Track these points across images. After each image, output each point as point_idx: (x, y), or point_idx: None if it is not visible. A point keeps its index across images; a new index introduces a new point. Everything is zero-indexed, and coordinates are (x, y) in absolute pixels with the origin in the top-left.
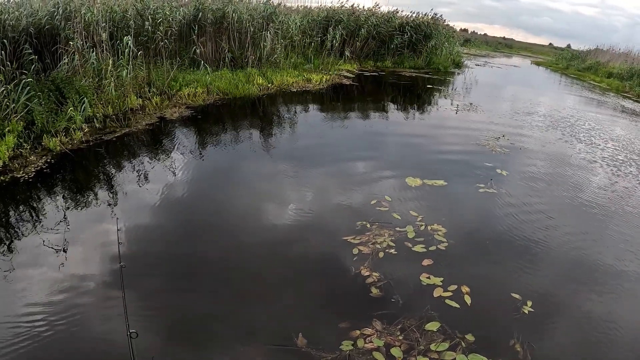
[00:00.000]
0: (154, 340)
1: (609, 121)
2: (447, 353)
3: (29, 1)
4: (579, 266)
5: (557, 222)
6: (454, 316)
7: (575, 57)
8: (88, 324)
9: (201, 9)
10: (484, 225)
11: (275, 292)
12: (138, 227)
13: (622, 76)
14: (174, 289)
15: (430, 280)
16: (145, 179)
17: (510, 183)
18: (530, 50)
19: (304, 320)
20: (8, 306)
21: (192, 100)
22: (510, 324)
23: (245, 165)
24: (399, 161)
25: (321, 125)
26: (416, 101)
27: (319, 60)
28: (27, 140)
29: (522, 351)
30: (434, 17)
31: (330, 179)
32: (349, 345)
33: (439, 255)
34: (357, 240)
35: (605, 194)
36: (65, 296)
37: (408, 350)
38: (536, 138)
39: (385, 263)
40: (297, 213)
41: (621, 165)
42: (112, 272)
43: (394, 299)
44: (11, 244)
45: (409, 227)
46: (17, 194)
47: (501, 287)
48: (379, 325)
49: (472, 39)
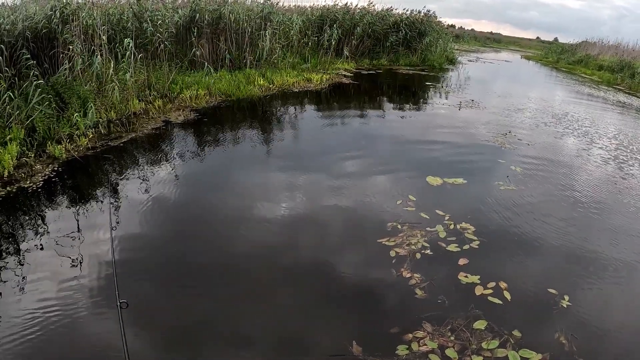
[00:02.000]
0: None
1: (606, 115)
2: (498, 350)
3: (24, 5)
4: (611, 260)
5: (578, 216)
6: (498, 313)
7: (565, 50)
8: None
9: (197, 10)
10: (509, 223)
11: (322, 301)
12: (159, 235)
13: (612, 69)
14: (236, 297)
15: (468, 279)
16: (159, 186)
17: (525, 179)
18: (518, 45)
19: (354, 327)
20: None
21: (195, 102)
22: (552, 318)
23: (263, 169)
24: (415, 160)
25: (333, 126)
26: (418, 99)
27: (315, 59)
28: (30, 148)
29: (568, 343)
30: (427, 14)
31: (352, 179)
32: (404, 349)
33: (473, 254)
34: (391, 242)
35: (625, 189)
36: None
37: (462, 350)
38: (541, 134)
39: (423, 264)
40: (328, 216)
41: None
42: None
43: (440, 299)
44: (25, 258)
45: (439, 226)
46: (26, 205)
47: (536, 283)
48: (429, 327)
49: (461, 35)
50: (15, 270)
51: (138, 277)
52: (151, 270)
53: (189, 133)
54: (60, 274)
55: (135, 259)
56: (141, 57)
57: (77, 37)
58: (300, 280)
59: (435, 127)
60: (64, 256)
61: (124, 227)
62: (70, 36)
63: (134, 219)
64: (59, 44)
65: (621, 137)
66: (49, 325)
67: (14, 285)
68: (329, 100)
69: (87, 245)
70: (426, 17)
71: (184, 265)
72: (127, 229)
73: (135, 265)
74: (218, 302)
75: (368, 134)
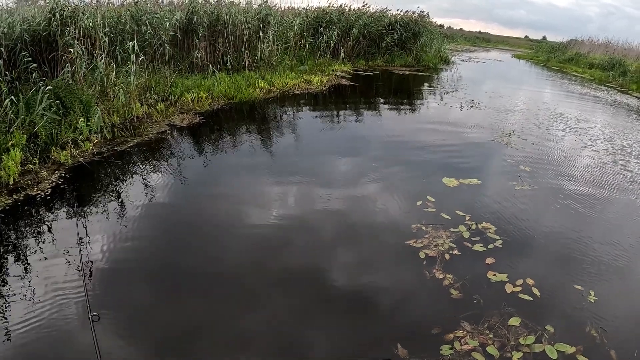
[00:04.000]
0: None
1: (601, 110)
2: (535, 346)
3: (21, 9)
4: (633, 254)
5: (593, 213)
6: (530, 309)
7: (555, 49)
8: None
9: (195, 13)
10: (528, 222)
11: (366, 305)
12: (180, 241)
13: (604, 66)
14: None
15: (497, 277)
16: (172, 191)
17: (536, 179)
18: (507, 44)
19: (396, 329)
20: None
21: (198, 106)
22: (581, 312)
23: (281, 172)
24: (427, 161)
25: (343, 129)
26: (420, 100)
27: (312, 61)
28: (33, 155)
29: (599, 336)
30: (420, 15)
31: (370, 181)
32: (448, 349)
33: (498, 253)
34: (419, 244)
35: (628, 185)
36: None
37: (501, 347)
38: (545, 133)
39: (453, 264)
40: (353, 218)
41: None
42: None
43: (476, 299)
44: (31, 267)
45: (461, 227)
46: (36, 215)
47: (562, 279)
48: (468, 326)
49: (451, 35)
50: (18, 279)
51: (163, 286)
52: (185, 275)
53: (197, 137)
54: (53, 281)
55: (150, 267)
56: (141, 60)
57: (77, 40)
58: (339, 286)
59: (442, 128)
60: (70, 264)
61: (137, 234)
62: (71, 39)
63: (148, 226)
64: (58, 47)
65: (623, 135)
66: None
67: (21, 293)
68: (333, 102)
69: (93, 254)
70: (420, 18)
71: (227, 273)
72: (141, 235)
73: (160, 272)
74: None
75: (378, 136)
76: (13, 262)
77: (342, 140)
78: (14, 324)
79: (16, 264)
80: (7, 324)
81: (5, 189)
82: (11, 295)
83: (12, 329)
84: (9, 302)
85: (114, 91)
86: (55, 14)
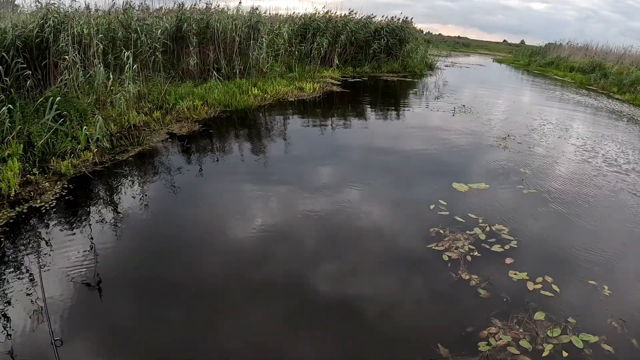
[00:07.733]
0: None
1: (585, 111)
2: (562, 337)
3: (11, 16)
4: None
5: (597, 213)
6: (552, 304)
7: (535, 52)
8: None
9: (184, 20)
10: (538, 223)
11: (400, 309)
12: (194, 251)
13: (584, 70)
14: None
15: (517, 275)
16: (182, 200)
17: (539, 181)
18: (486, 48)
19: (433, 330)
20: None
21: (195, 114)
22: (599, 305)
23: (292, 179)
24: (430, 166)
25: (344, 135)
26: (411, 105)
27: (301, 68)
28: (32, 165)
29: (619, 327)
30: (405, 20)
31: (380, 186)
32: (485, 345)
33: (515, 253)
34: (440, 247)
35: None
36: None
37: (532, 340)
38: (539, 136)
39: (476, 265)
40: (374, 222)
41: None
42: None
43: (504, 297)
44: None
45: (477, 229)
46: (43, 228)
47: (576, 275)
48: (499, 323)
49: (431, 40)
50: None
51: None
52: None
53: (198, 145)
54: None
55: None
56: (136, 67)
57: (71, 47)
58: (371, 296)
59: (440, 133)
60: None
61: (148, 244)
62: (65, 45)
63: (157, 235)
64: (51, 54)
65: (613, 137)
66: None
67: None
68: (328, 109)
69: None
70: (405, 24)
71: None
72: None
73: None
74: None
75: (379, 142)
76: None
77: (346, 146)
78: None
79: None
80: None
81: (7, 201)
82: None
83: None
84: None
85: (110, 100)
86: (48, 19)
